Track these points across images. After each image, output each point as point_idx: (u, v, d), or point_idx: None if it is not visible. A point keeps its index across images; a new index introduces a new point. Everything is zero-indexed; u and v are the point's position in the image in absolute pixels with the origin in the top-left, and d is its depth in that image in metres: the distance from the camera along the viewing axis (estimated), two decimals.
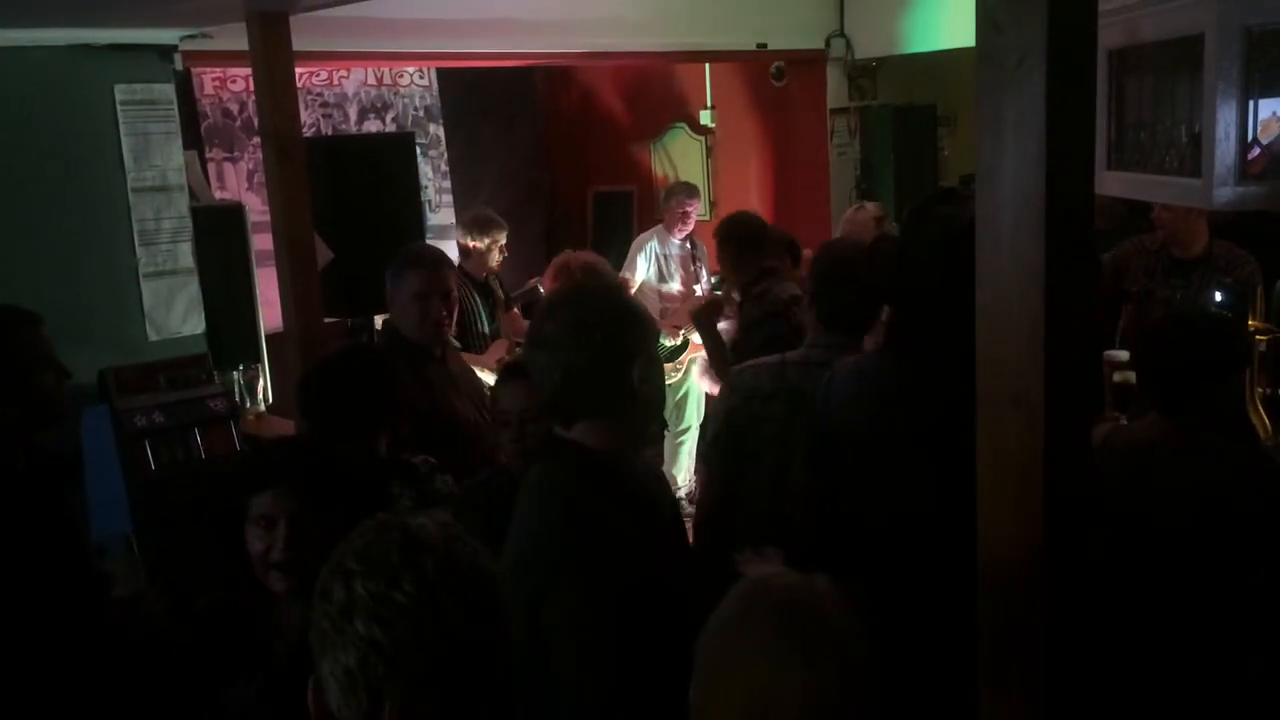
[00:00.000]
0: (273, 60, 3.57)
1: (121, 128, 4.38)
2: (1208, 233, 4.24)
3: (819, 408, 2.52)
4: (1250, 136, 2.67)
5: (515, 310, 5.52)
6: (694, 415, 6.25)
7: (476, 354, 4.83)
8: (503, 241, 5.38)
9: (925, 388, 2.24)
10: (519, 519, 1.97)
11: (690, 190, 6.42)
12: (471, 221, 5.40)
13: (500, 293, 5.42)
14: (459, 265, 5.35)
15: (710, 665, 1.41)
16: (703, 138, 7.49)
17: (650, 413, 2.04)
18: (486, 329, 5.19)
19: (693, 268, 6.31)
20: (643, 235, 6.49)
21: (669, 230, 6.29)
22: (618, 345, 1.89)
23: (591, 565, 1.80)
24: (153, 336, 4.49)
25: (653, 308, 5.76)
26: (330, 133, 6.54)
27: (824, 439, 2.48)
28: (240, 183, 6.31)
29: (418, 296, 3.39)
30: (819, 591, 1.42)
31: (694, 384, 5.97)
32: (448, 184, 7.20)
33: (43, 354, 2.69)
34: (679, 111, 7.59)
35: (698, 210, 6.38)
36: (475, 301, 5.20)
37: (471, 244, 5.33)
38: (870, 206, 5.33)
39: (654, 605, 1.77)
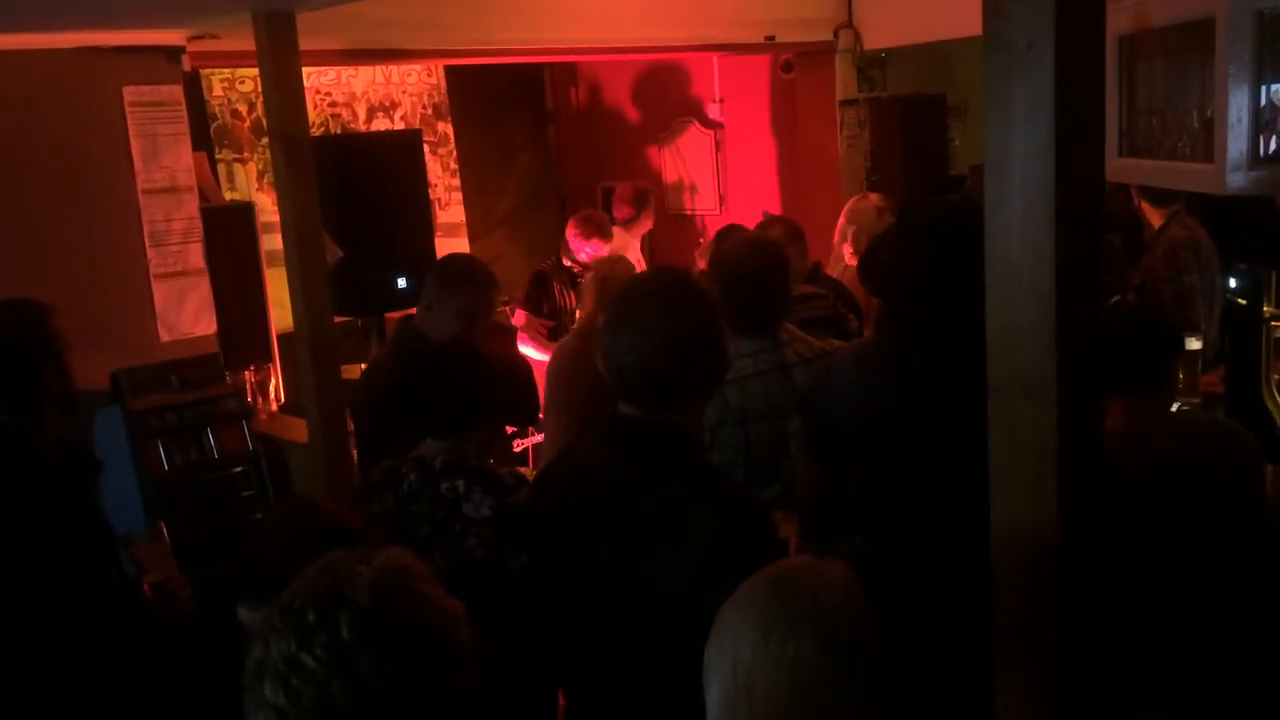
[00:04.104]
0: (279, 60, 3.57)
1: (131, 129, 4.40)
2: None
3: (819, 396, 2.52)
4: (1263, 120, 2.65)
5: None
6: None
7: None
8: (604, 249, 5.55)
9: (923, 371, 2.25)
10: (622, 498, 1.97)
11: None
12: (585, 220, 5.66)
13: None
14: (559, 256, 5.57)
15: (711, 636, 1.42)
16: (712, 131, 7.47)
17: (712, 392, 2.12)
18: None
19: None
20: (621, 237, 6.54)
21: (635, 235, 6.43)
22: (701, 326, 1.97)
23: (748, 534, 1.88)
24: (164, 337, 4.51)
25: None
26: (339, 131, 6.55)
27: (826, 427, 2.48)
28: (250, 183, 6.32)
29: (464, 313, 3.37)
30: (822, 573, 1.42)
31: None
32: (457, 182, 7.20)
33: (65, 339, 2.81)
34: (688, 106, 7.57)
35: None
36: (567, 294, 5.40)
37: (578, 242, 5.56)
38: (873, 196, 5.32)
39: None
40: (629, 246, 6.42)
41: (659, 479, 1.95)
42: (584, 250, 5.52)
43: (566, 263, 5.59)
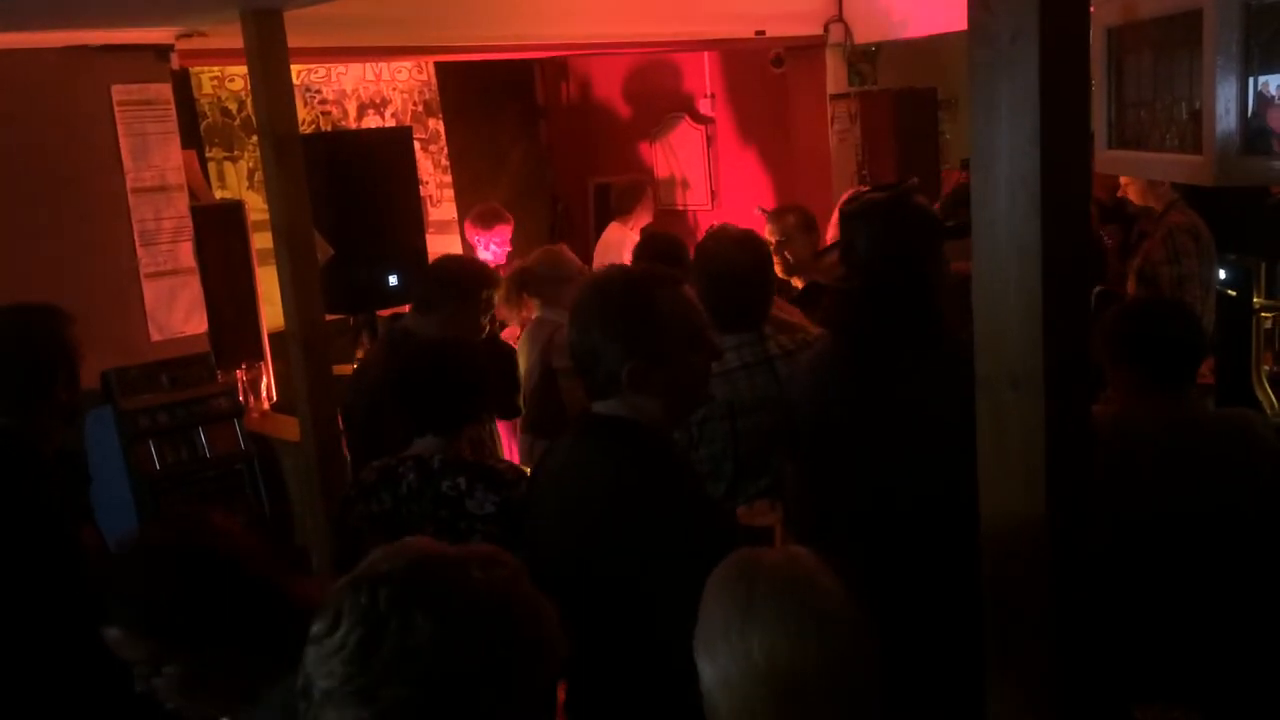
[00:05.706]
0: (268, 57, 3.55)
1: (119, 128, 4.39)
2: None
3: (790, 398, 2.57)
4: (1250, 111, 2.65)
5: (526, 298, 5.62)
6: None
7: None
8: (508, 234, 5.58)
9: (868, 367, 2.30)
10: (584, 495, 1.99)
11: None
12: (478, 215, 5.64)
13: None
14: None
15: (723, 652, 1.38)
16: (703, 126, 7.47)
17: (699, 385, 2.11)
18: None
19: None
20: (617, 231, 6.55)
21: (634, 228, 6.45)
22: (643, 326, 1.96)
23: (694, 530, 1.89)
24: (155, 337, 4.50)
25: None
26: (329, 129, 6.53)
27: (798, 426, 2.52)
28: (241, 182, 6.31)
29: (459, 316, 3.41)
30: (809, 563, 1.42)
31: None
32: (448, 178, 7.19)
33: (79, 347, 2.84)
34: (679, 101, 7.57)
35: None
36: None
37: (478, 237, 5.51)
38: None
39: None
40: (626, 240, 6.43)
41: (611, 477, 1.98)
42: (492, 242, 5.54)
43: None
